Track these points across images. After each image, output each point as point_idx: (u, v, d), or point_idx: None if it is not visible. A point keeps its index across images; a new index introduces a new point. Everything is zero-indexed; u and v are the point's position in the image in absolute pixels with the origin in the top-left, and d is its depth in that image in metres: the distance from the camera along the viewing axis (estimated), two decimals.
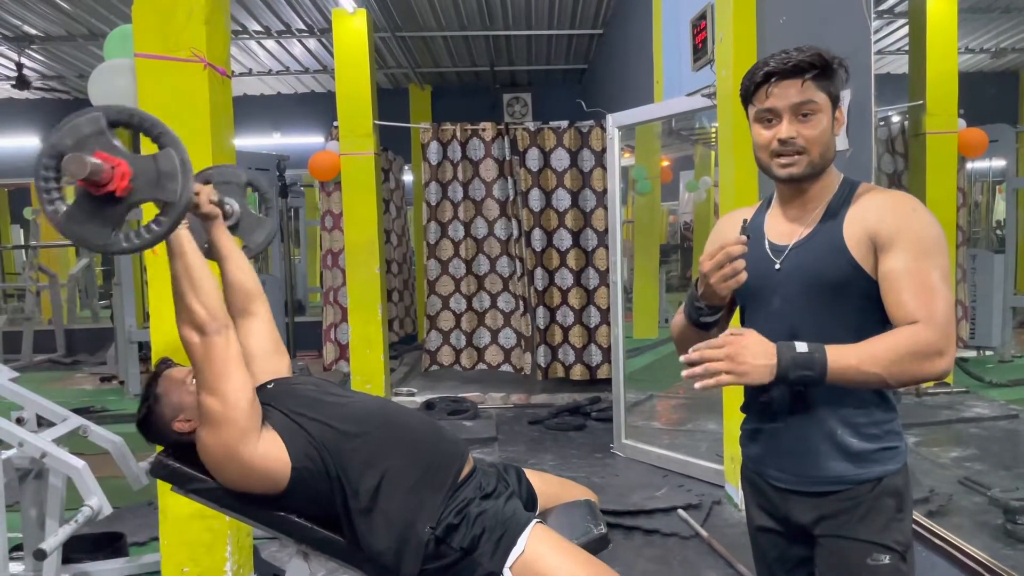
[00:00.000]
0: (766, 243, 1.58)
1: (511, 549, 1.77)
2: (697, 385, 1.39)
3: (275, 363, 2.13)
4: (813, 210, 1.54)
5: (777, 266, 1.55)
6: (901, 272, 1.42)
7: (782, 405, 1.54)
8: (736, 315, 1.70)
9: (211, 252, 2.15)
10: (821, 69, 1.46)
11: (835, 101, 1.50)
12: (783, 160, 1.49)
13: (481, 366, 6.60)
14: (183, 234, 1.79)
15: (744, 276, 1.47)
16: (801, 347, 1.40)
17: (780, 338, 1.52)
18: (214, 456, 1.80)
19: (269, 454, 1.79)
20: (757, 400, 1.59)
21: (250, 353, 2.04)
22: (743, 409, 1.66)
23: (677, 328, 1.70)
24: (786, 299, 1.53)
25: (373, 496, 1.82)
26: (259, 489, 1.83)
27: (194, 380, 1.91)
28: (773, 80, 1.47)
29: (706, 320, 1.60)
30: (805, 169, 1.49)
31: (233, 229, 2.28)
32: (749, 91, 1.52)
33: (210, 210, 2.12)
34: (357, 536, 1.83)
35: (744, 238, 1.46)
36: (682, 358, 1.41)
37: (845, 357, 1.38)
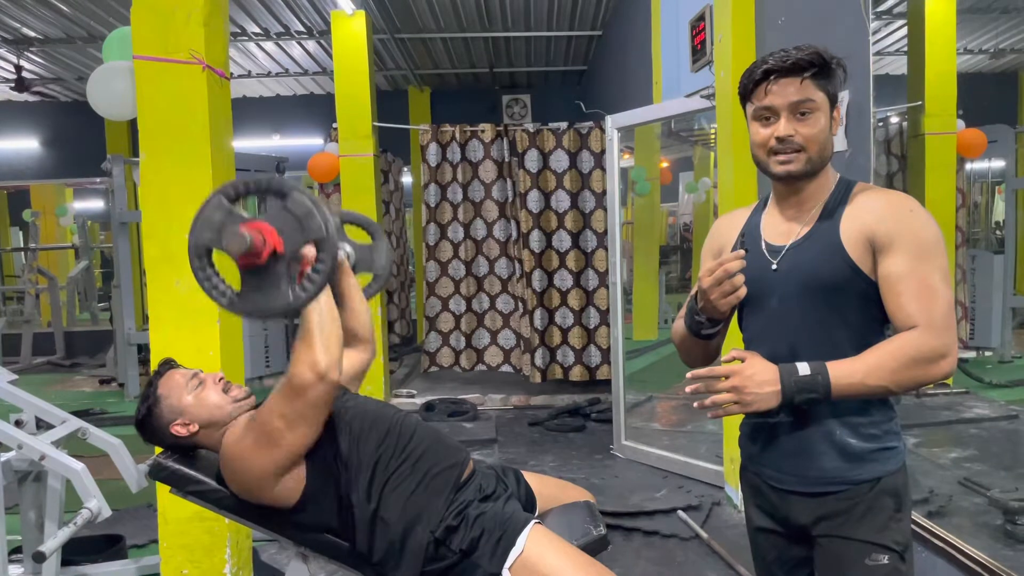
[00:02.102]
0: (763, 243, 1.58)
1: (510, 550, 1.76)
2: (709, 415, 1.45)
3: None
4: (810, 210, 1.54)
5: (774, 267, 1.54)
6: (901, 275, 1.42)
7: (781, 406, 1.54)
8: (735, 317, 1.70)
9: (336, 299, 2.14)
10: (820, 68, 1.46)
11: (833, 100, 1.50)
12: (780, 158, 1.49)
13: (480, 367, 6.60)
14: None
15: (743, 292, 1.48)
16: (803, 369, 1.41)
17: (779, 339, 1.53)
18: (246, 466, 1.77)
19: (293, 476, 1.79)
20: None
21: None
22: None
23: (678, 335, 1.70)
24: (783, 300, 1.53)
25: (376, 505, 1.81)
26: (267, 503, 1.82)
27: (236, 391, 1.93)
28: (772, 78, 1.47)
29: (707, 333, 1.61)
30: (802, 167, 1.49)
31: (354, 269, 2.29)
32: (748, 89, 1.52)
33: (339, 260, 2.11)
34: (357, 543, 1.83)
35: (742, 253, 1.47)
36: (688, 389, 1.47)
37: (849, 374, 1.40)
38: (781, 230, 1.57)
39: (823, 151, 1.50)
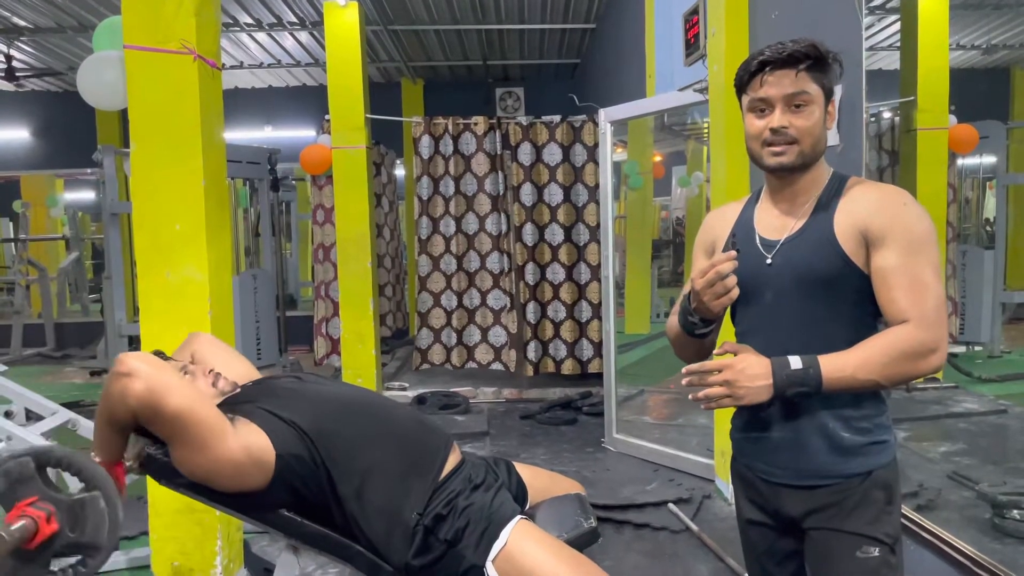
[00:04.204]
0: (757, 238, 1.58)
1: (493, 542, 1.76)
2: (702, 407, 1.46)
3: (238, 371, 2.10)
4: (803, 204, 1.54)
5: (768, 261, 1.55)
6: (892, 269, 1.43)
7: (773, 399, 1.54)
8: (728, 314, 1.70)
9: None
10: (815, 60, 1.46)
11: (828, 94, 1.50)
12: (774, 149, 1.50)
13: (471, 364, 6.59)
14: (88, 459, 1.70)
15: (736, 293, 1.49)
16: (795, 363, 1.42)
17: (773, 333, 1.53)
18: (199, 467, 1.75)
19: (251, 443, 1.76)
20: None
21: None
22: None
23: (672, 331, 1.71)
24: (778, 294, 1.53)
25: (360, 483, 1.81)
26: (251, 485, 1.81)
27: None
28: (768, 69, 1.48)
29: (700, 332, 1.62)
30: (796, 159, 1.50)
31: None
32: (743, 80, 1.53)
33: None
34: (348, 521, 1.82)
35: (734, 253, 1.48)
36: (683, 382, 1.47)
37: (840, 368, 1.40)
38: (775, 224, 1.57)
39: (817, 144, 1.50)
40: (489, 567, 1.75)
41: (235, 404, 1.88)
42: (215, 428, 1.72)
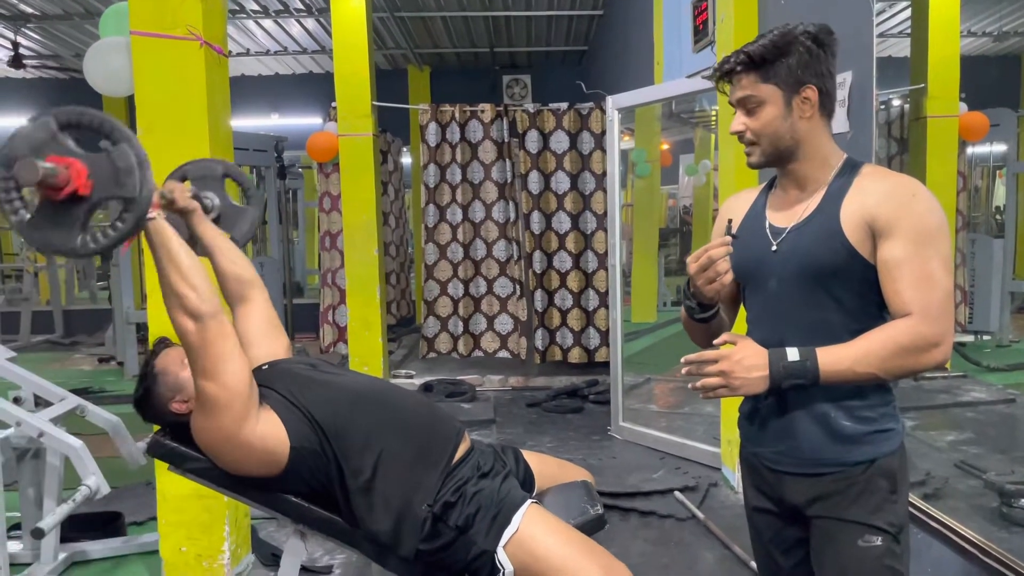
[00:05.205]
0: (766, 224, 1.58)
1: (505, 528, 1.77)
2: (700, 396, 1.46)
3: (272, 346, 2.12)
4: (813, 192, 1.53)
5: (774, 248, 1.54)
6: (899, 261, 1.41)
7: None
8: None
9: (198, 247, 2.09)
10: (746, 65, 1.47)
11: (795, 85, 1.46)
12: (745, 150, 1.55)
13: (477, 353, 6.59)
14: (160, 225, 1.73)
15: (729, 278, 1.50)
16: (792, 355, 1.42)
17: (776, 321, 1.53)
18: (212, 441, 1.79)
19: (268, 434, 1.78)
20: None
21: (247, 339, 2.04)
22: None
23: (683, 316, 1.72)
24: (781, 281, 1.53)
25: (370, 475, 1.82)
26: (258, 472, 1.82)
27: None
28: (719, 81, 1.55)
29: (700, 317, 1.62)
30: (758, 158, 1.54)
31: (216, 222, 2.21)
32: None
33: (187, 204, 2.07)
34: (355, 515, 1.83)
35: (729, 239, 1.49)
36: (683, 371, 1.47)
37: (838, 361, 1.40)
38: (785, 212, 1.57)
39: (776, 141, 1.50)
40: (500, 552, 1.76)
41: None
42: (241, 413, 1.74)
